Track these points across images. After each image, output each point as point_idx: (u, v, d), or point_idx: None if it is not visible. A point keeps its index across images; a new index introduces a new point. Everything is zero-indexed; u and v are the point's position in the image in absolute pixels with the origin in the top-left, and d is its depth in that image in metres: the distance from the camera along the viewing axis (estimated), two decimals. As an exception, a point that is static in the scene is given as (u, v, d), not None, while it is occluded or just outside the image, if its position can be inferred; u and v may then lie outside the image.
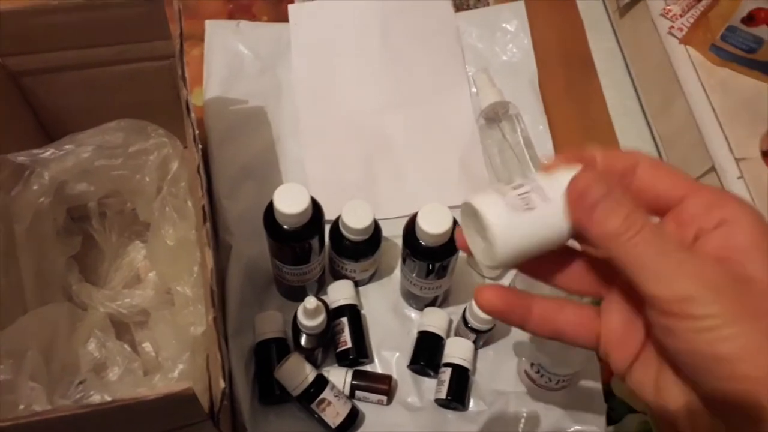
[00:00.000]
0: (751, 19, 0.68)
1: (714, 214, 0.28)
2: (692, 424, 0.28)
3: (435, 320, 0.63)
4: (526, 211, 0.27)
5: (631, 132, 0.81)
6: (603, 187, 0.28)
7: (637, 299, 0.30)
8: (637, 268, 0.27)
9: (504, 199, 0.27)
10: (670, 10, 0.77)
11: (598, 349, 0.32)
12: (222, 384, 0.39)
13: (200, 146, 0.48)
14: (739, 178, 0.66)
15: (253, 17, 0.84)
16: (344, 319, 0.62)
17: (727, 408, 0.25)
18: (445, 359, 0.61)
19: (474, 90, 0.78)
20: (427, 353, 0.62)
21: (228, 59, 0.78)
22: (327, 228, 0.61)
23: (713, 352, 0.25)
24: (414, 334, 0.64)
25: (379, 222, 0.62)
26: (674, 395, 0.28)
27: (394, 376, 0.63)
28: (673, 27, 0.76)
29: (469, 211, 0.28)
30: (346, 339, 0.62)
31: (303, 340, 0.59)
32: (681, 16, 0.76)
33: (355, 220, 0.59)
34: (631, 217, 0.27)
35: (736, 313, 0.25)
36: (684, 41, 0.75)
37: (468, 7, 0.86)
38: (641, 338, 0.30)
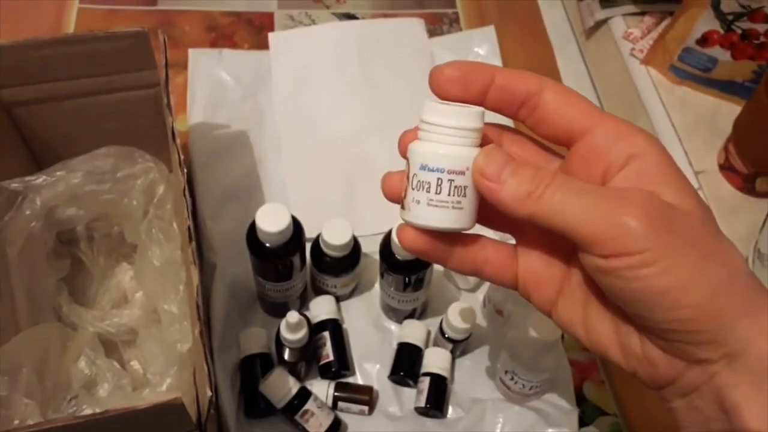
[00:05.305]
0: (704, 40, 0.72)
1: (621, 148, 0.28)
2: (624, 353, 0.29)
3: (414, 332, 0.66)
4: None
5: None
6: (500, 156, 0.29)
7: (551, 237, 0.30)
8: (561, 218, 0.27)
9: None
10: (631, 33, 0.81)
11: (518, 289, 0.32)
12: (209, 393, 0.41)
13: (185, 170, 0.50)
14: (698, 189, 0.69)
15: (234, 45, 0.87)
16: (326, 333, 0.64)
17: (672, 334, 0.27)
18: (424, 369, 0.64)
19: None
20: (406, 364, 0.65)
21: (211, 86, 0.81)
22: (308, 246, 0.64)
23: (654, 287, 0.25)
24: (394, 346, 0.66)
25: (359, 239, 0.65)
26: (603, 328, 0.29)
27: (375, 387, 0.65)
28: (634, 49, 0.80)
29: None
30: (329, 352, 0.64)
31: (286, 354, 0.61)
32: (641, 38, 0.80)
33: (335, 236, 0.62)
34: (539, 174, 0.28)
35: (669, 243, 0.26)
36: (645, 62, 0.79)
37: (441, 33, 0.90)
38: (561, 275, 0.31)
